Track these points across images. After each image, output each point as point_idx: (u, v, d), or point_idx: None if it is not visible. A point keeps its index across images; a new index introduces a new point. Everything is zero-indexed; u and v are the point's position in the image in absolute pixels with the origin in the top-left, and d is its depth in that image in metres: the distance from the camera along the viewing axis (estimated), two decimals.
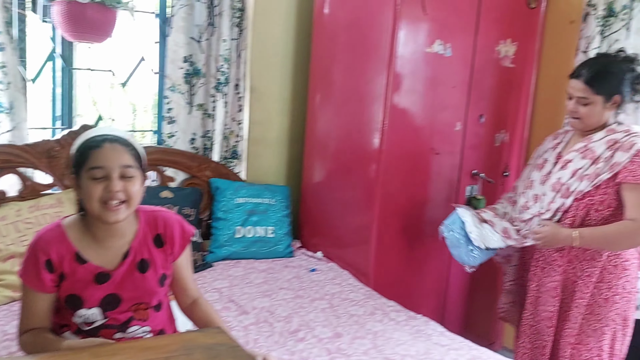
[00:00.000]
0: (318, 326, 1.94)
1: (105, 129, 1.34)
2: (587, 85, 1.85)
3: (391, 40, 2.30)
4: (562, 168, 1.94)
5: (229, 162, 2.75)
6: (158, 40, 2.62)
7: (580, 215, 1.89)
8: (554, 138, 2.12)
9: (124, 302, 1.34)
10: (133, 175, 1.29)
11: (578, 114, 1.88)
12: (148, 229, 1.39)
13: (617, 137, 1.85)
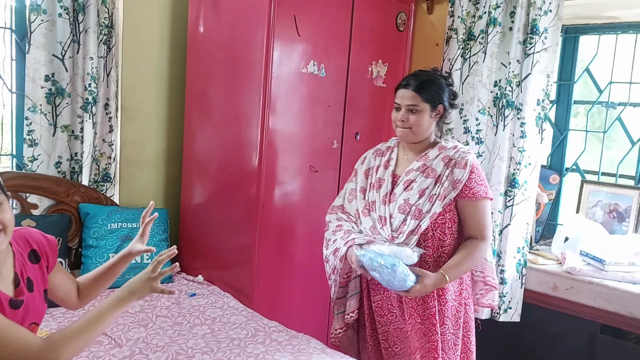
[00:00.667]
0: (197, 353, 1.88)
1: None
2: (416, 93, 1.88)
3: (265, 61, 2.33)
4: (406, 189, 1.90)
5: (100, 185, 2.60)
6: (15, 58, 2.42)
7: (437, 237, 1.88)
8: (378, 155, 2.07)
9: (22, 324, 1.27)
10: (1, 201, 1.23)
11: (408, 122, 1.89)
12: (20, 248, 1.34)
13: (449, 153, 1.91)
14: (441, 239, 1.89)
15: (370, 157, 2.10)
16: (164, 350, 1.89)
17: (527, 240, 2.61)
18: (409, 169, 1.94)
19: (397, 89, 1.95)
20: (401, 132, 1.93)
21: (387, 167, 2.01)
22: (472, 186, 1.88)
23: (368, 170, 2.07)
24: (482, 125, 2.64)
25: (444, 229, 1.89)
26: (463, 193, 1.88)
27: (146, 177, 2.80)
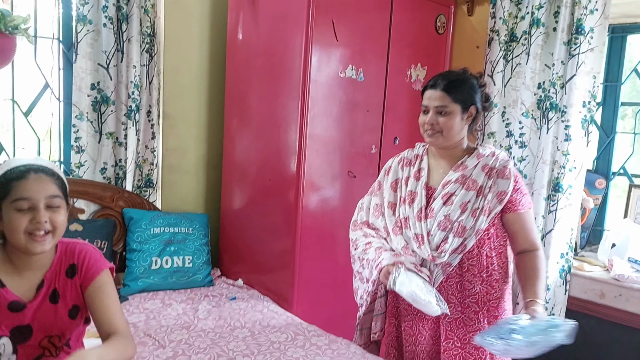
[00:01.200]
0: (238, 356, 1.90)
1: (27, 159, 1.30)
2: (445, 93, 1.71)
3: (304, 66, 2.34)
4: (445, 203, 1.74)
5: (143, 191, 2.66)
6: (62, 67, 2.51)
7: (484, 254, 1.73)
8: (405, 164, 1.90)
9: (35, 334, 1.30)
10: (59, 205, 1.28)
11: (438, 125, 1.72)
12: (64, 259, 1.36)
13: (488, 162, 1.75)
14: (489, 255, 1.74)
15: (395, 168, 1.92)
16: (205, 352, 1.91)
17: (571, 246, 2.54)
18: (447, 181, 1.77)
19: (424, 90, 1.80)
20: (430, 137, 1.76)
21: (418, 179, 1.83)
22: (519, 198, 1.74)
23: (396, 183, 1.89)
24: (525, 128, 2.59)
25: (490, 245, 1.74)
26: (511, 206, 1.73)
27: (187, 182, 2.85)
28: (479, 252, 1.73)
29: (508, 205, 1.73)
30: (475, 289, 1.73)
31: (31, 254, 1.27)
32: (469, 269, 1.73)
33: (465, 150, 1.80)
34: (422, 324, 1.81)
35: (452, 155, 1.80)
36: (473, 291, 1.74)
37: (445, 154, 1.82)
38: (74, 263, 1.37)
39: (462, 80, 1.75)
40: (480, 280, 1.73)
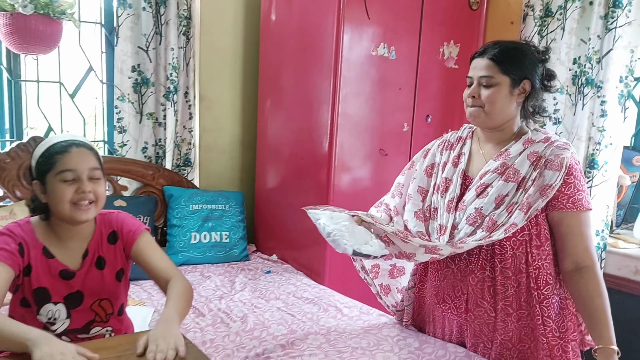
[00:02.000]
0: (273, 324, 1.98)
1: (66, 135, 1.39)
2: (493, 62, 1.48)
3: (336, 45, 2.38)
4: (479, 195, 1.53)
5: (182, 169, 2.77)
6: (105, 50, 2.62)
7: (520, 258, 1.50)
8: (445, 148, 1.70)
9: (86, 299, 1.39)
10: (99, 177, 1.37)
11: (480, 99, 1.50)
12: (103, 228, 1.45)
13: (538, 149, 1.50)
14: (527, 261, 1.50)
15: (434, 151, 1.73)
16: (242, 320, 2.00)
17: (607, 224, 2.51)
18: (485, 171, 1.55)
19: (471, 59, 1.57)
20: (471, 112, 1.54)
21: (456, 165, 1.63)
22: (572, 193, 1.46)
23: (432, 167, 1.70)
24: (560, 104, 2.56)
25: (529, 249, 1.50)
26: (558, 202, 1.47)
27: (223, 162, 2.95)
28: (514, 254, 1.50)
29: (554, 202, 1.47)
30: (508, 292, 1.52)
31: (76, 222, 1.35)
32: (502, 271, 1.52)
33: (515, 135, 1.56)
34: (448, 322, 1.71)
35: (499, 139, 1.57)
36: (506, 294, 1.53)
37: (491, 137, 1.59)
38: (113, 230, 1.46)
39: (517, 49, 1.52)
40: (515, 284, 1.52)
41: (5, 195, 2.26)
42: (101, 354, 1.19)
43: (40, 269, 1.35)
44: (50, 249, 1.37)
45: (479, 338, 1.64)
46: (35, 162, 1.36)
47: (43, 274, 1.36)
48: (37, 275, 1.35)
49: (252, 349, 1.77)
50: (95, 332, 1.43)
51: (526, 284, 1.52)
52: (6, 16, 2.19)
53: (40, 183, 1.34)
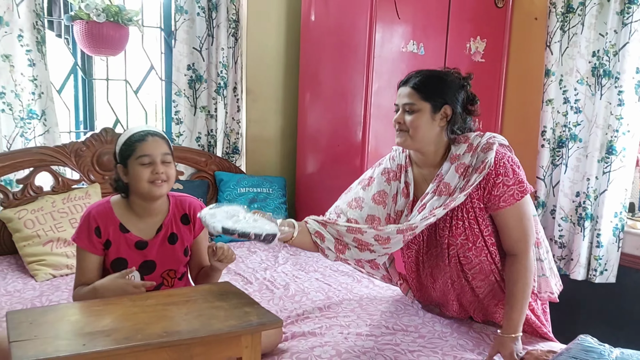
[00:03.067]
0: (312, 291, 2.26)
1: (144, 126, 1.69)
2: (414, 90, 1.62)
3: (369, 42, 2.62)
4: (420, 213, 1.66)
5: (230, 157, 3.08)
6: (164, 51, 2.95)
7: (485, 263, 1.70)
8: (392, 178, 1.79)
9: (158, 268, 1.68)
10: (170, 161, 1.64)
11: (404, 124, 1.64)
12: (176, 209, 1.73)
13: (465, 160, 1.63)
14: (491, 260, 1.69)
15: (380, 180, 1.81)
16: (285, 288, 2.29)
17: (625, 206, 2.67)
18: (424, 194, 1.69)
19: (398, 86, 1.72)
20: (398, 138, 1.68)
21: (407, 196, 1.75)
22: (501, 193, 1.60)
23: (380, 196, 1.79)
24: (580, 94, 2.72)
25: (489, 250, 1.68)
26: (492, 204, 1.61)
27: (267, 150, 3.25)
28: (480, 260, 1.69)
29: (488, 204, 1.63)
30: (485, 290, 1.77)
31: (152, 197, 1.62)
32: (474, 276, 1.73)
33: (444, 155, 1.68)
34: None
35: (433, 162, 1.70)
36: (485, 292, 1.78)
37: (425, 161, 1.72)
38: (185, 213, 1.74)
39: (437, 77, 1.65)
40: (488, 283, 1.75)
41: (81, 178, 2.61)
42: (171, 299, 1.49)
43: (118, 243, 1.63)
44: (125, 225, 1.64)
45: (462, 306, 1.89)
46: (119, 149, 1.64)
47: (120, 246, 1.63)
48: (116, 248, 1.64)
49: (293, 310, 2.05)
50: None
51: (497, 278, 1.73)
52: (82, 24, 2.53)
53: (123, 166, 1.63)
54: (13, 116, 2.46)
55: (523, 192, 1.61)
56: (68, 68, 2.78)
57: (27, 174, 2.49)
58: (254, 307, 1.46)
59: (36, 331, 1.26)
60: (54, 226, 2.35)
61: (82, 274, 1.62)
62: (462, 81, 1.67)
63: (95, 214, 1.63)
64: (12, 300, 2.02)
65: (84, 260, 1.63)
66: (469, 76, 1.69)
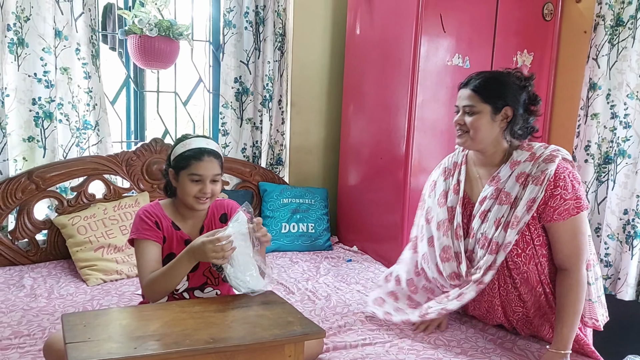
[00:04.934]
0: (353, 303, 2.26)
1: (202, 141, 1.71)
2: (474, 93, 1.66)
3: (414, 56, 2.62)
4: (483, 221, 1.70)
5: (274, 167, 3.13)
6: (212, 64, 3.04)
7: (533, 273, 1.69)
8: (446, 176, 1.87)
9: (201, 265, 1.72)
10: (219, 179, 1.72)
11: (465, 126, 1.69)
12: (216, 210, 1.80)
13: (525, 169, 1.65)
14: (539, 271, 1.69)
15: (439, 181, 1.89)
16: (327, 299, 2.30)
17: None
18: (483, 197, 1.71)
19: (458, 88, 1.77)
20: (458, 138, 1.73)
21: (457, 192, 1.79)
22: (557, 205, 1.60)
23: (436, 194, 1.87)
24: (630, 109, 2.64)
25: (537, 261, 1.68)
26: (546, 215, 1.63)
27: (310, 161, 3.28)
28: (528, 269, 1.69)
29: (543, 215, 1.63)
30: (532, 299, 1.74)
31: (195, 210, 1.72)
32: (522, 283, 1.71)
33: (504, 157, 1.72)
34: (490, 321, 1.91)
35: (491, 162, 1.74)
36: (532, 300, 1.74)
37: (483, 161, 1.75)
38: (225, 212, 1.80)
39: (497, 79, 1.68)
40: (535, 293, 1.72)
41: (131, 187, 2.71)
42: (217, 306, 1.53)
43: (171, 239, 1.70)
44: (176, 223, 1.72)
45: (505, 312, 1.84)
46: (174, 157, 1.70)
47: (173, 242, 1.70)
48: (169, 244, 1.71)
49: (335, 321, 2.05)
50: (208, 292, 1.75)
51: (543, 290, 1.71)
52: (135, 38, 2.64)
53: (175, 173, 1.70)
54: (69, 126, 2.58)
55: (579, 209, 1.61)
56: (121, 80, 2.90)
57: (80, 182, 2.60)
58: (297, 317, 1.48)
59: (90, 333, 1.31)
60: (105, 233, 2.44)
61: (148, 266, 1.63)
62: (524, 82, 1.69)
63: (152, 211, 1.70)
64: (65, 304, 2.11)
65: (148, 252, 1.65)
66: (531, 77, 1.71)
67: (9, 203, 2.44)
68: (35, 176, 2.48)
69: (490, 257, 1.68)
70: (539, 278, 1.70)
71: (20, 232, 2.49)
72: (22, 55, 2.44)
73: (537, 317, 1.79)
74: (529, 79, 1.71)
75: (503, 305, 1.82)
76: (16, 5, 2.39)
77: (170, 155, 1.74)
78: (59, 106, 2.55)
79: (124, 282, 2.36)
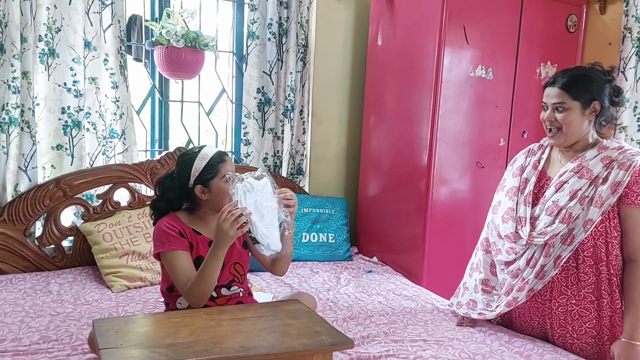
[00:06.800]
0: (375, 314, 2.25)
1: (209, 147, 1.78)
2: (563, 91, 1.73)
3: (437, 67, 2.63)
4: (557, 190, 1.77)
5: (295, 177, 3.15)
6: (235, 75, 3.07)
7: (599, 246, 1.72)
8: (529, 155, 1.97)
9: (226, 263, 1.74)
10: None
11: (556, 122, 1.76)
12: None
13: (611, 154, 1.73)
14: (607, 250, 1.72)
15: (520, 158, 2.00)
16: (348, 309, 2.29)
17: None
18: (563, 171, 1.78)
19: (544, 87, 1.83)
20: (552, 138, 1.81)
21: (535, 167, 1.89)
22: (639, 190, 1.67)
23: (518, 170, 1.96)
24: None
25: (608, 239, 1.71)
26: (627, 198, 1.69)
27: (330, 171, 3.29)
28: (595, 243, 1.72)
29: (624, 198, 1.69)
30: (590, 279, 1.74)
31: None
32: (584, 260, 1.74)
33: (590, 145, 1.80)
34: (532, 313, 1.92)
35: (575, 149, 1.82)
36: (589, 281, 1.75)
37: (569, 148, 1.84)
38: None
39: (583, 76, 1.74)
40: (596, 272, 1.73)
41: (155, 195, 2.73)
42: (244, 314, 1.54)
43: (196, 244, 1.74)
44: (197, 229, 1.75)
45: (564, 328, 1.82)
46: (200, 172, 1.71)
47: (199, 246, 1.74)
48: (196, 249, 1.74)
49: (357, 332, 2.05)
50: (234, 290, 1.78)
51: (606, 271, 1.73)
52: (162, 49, 2.68)
53: (204, 186, 1.71)
54: (96, 135, 2.63)
55: None
56: (146, 90, 2.95)
57: (106, 190, 2.63)
58: (324, 326, 1.48)
59: (121, 340, 1.33)
60: (129, 240, 2.47)
61: (184, 276, 1.65)
62: (608, 75, 1.76)
63: (172, 223, 1.72)
64: (91, 310, 2.13)
65: (181, 262, 1.67)
66: (612, 69, 1.80)
67: (37, 210, 2.49)
68: (63, 183, 2.52)
69: (560, 226, 1.72)
70: (606, 258, 1.72)
71: (47, 239, 2.53)
72: (53, 65, 2.50)
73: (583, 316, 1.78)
74: (611, 72, 1.80)
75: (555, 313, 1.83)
76: (48, 17, 2.45)
77: (188, 175, 1.72)
78: (86, 115, 2.60)
79: (148, 290, 2.39)
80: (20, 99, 2.40)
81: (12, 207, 2.45)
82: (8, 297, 2.20)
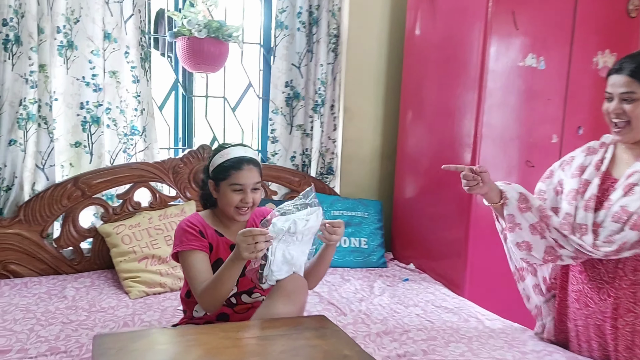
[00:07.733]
0: (413, 329, 2.03)
1: (240, 150, 1.68)
2: (632, 78, 1.53)
3: (482, 56, 2.39)
4: (626, 193, 1.57)
5: (324, 177, 2.95)
6: (262, 68, 2.90)
7: None
8: (589, 153, 1.77)
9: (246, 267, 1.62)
10: (259, 187, 1.69)
11: (625, 114, 1.56)
12: (256, 217, 1.78)
13: None
14: None
15: (581, 155, 1.78)
16: (382, 323, 2.08)
17: None
18: (633, 171, 1.59)
19: (608, 75, 1.62)
20: (618, 133, 1.61)
21: (598, 168, 1.70)
22: None
23: (578, 170, 1.75)
24: None
25: None
26: None
27: (363, 171, 3.08)
28: None
29: None
30: None
31: (235, 220, 1.70)
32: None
33: None
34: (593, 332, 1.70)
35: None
36: None
37: (635, 146, 1.65)
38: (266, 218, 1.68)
39: None
40: None
41: (177, 195, 2.59)
42: (265, 332, 1.36)
43: (217, 245, 1.67)
44: (219, 230, 1.70)
45: (632, 351, 1.59)
46: (213, 168, 1.68)
47: (219, 249, 1.67)
48: (216, 251, 1.66)
49: (393, 349, 1.84)
50: (255, 297, 1.71)
51: None
52: (184, 40, 2.54)
53: (215, 184, 1.67)
54: (117, 132, 2.50)
55: None
56: (169, 85, 2.81)
57: (126, 190, 2.50)
58: (354, 349, 1.29)
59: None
60: (149, 243, 2.32)
61: (200, 277, 1.59)
62: None
63: (194, 222, 1.67)
64: (106, 318, 1.99)
65: (198, 262, 1.61)
66: None
67: (55, 210, 2.37)
68: (81, 182, 2.40)
69: (631, 233, 1.52)
70: None
71: (65, 240, 2.41)
72: (71, 58, 2.38)
73: None
74: None
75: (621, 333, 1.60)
76: (66, 7, 2.33)
77: (208, 166, 1.71)
78: (106, 111, 2.47)
79: (167, 296, 2.24)
80: (38, 94, 2.28)
81: (28, 207, 2.34)
82: (20, 303, 2.08)
